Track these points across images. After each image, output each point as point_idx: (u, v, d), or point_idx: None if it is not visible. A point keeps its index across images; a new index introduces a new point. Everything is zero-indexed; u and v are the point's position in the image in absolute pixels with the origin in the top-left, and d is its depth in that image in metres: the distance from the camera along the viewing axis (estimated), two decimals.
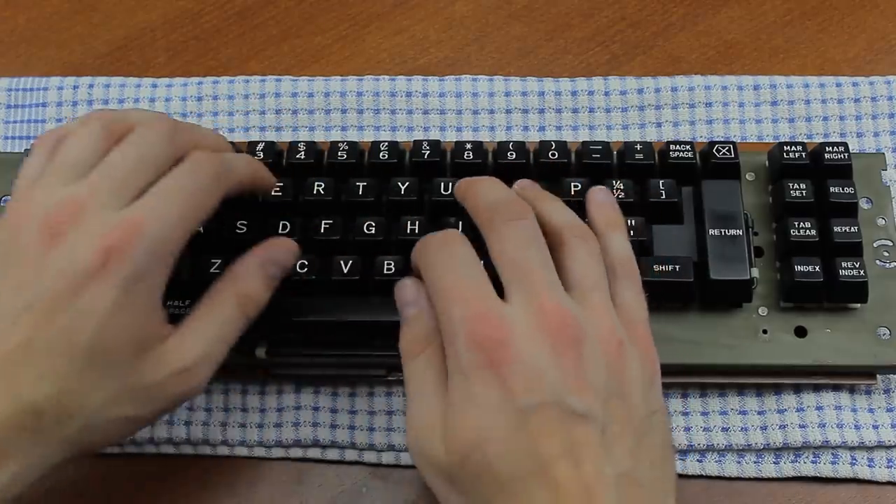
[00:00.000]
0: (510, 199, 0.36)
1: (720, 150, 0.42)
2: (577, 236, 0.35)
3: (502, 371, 0.31)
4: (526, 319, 0.32)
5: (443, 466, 0.31)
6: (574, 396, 0.30)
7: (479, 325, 0.31)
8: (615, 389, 0.32)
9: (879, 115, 0.47)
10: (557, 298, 0.32)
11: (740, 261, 0.40)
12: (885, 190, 0.43)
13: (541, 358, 0.31)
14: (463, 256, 0.34)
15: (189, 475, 0.42)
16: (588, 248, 0.35)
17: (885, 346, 0.40)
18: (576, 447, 0.30)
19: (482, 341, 0.31)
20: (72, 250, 0.32)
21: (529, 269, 0.33)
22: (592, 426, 0.30)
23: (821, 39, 0.50)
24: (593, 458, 0.30)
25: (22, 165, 0.35)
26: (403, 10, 0.52)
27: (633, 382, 0.32)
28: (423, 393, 0.33)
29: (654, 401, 0.33)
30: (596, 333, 0.32)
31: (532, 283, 0.32)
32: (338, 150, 0.43)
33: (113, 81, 0.49)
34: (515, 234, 0.34)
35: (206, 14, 0.53)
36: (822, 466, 0.41)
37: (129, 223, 0.32)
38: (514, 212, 0.35)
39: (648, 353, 0.34)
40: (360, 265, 0.40)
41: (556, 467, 0.30)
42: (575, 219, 0.36)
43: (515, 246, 0.34)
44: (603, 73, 0.49)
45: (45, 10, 0.53)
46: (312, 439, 0.42)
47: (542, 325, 0.31)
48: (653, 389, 0.33)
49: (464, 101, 0.48)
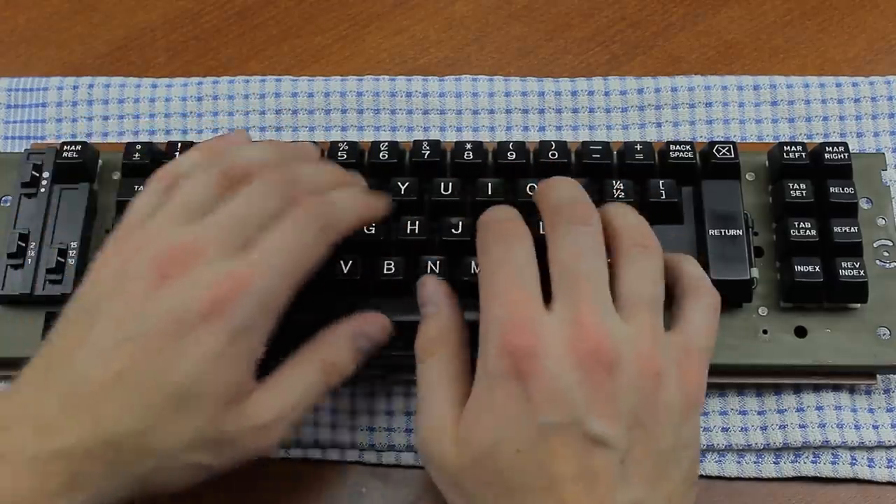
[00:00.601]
0: (577, 201, 0.34)
1: (720, 150, 0.42)
2: (639, 245, 0.34)
3: (527, 383, 0.30)
4: (562, 333, 0.31)
5: (452, 469, 0.31)
6: (596, 420, 0.30)
7: (514, 332, 0.31)
8: (643, 417, 0.31)
9: (879, 115, 0.47)
10: (600, 316, 0.31)
11: (740, 261, 0.40)
12: (885, 190, 0.43)
13: (569, 376, 0.30)
14: (519, 255, 0.33)
15: None
16: (650, 261, 0.34)
17: (885, 346, 0.40)
18: (590, 472, 0.30)
19: (513, 349, 0.31)
20: (181, 294, 0.32)
21: (578, 279, 0.32)
22: (611, 453, 0.30)
23: (821, 39, 0.50)
24: (606, 485, 0.30)
25: (136, 197, 0.36)
26: (403, 10, 0.52)
27: (667, 412, 0.31)
28: (436, 394, 0.33)
29: (686, 435, 0.32)
30: (634, 357, 0.31)
31: (578, 294, 0.32)
32: (338, 150, 0.43)
33: (113, 81, 0.49)
34: (574, 239, 0.33)
35: (206, 14, 0.53)
36: (822, 466, 0.41)
37: (238, 276, 0.32)
38: (578, 215, 0.34)
39: (696, 385, 0.33)
40: (361, 265, 0.40)
41: (566, 488, 0.29)
42: (643, 225, 0.35)
43: (571, 253, 0.33)
44: (603, 73, 0.49)
45: (45, 10, 0.53)
46: (313, 439, 0.42)
47: (577, 342, 0.31)
48: (688, 423, 0.32)
49: (464, 101, 0.48)
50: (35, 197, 0.43)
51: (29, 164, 0.44)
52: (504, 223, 0.35)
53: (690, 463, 0.33)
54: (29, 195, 0.43)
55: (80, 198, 0.43)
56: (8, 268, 0.42)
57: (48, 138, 0.49)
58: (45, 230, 0.42)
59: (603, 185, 0.41)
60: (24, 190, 0.43)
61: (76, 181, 0.43)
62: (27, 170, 0.43)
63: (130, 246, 0.34)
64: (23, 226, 0.43)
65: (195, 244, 0.33)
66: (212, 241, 0.33)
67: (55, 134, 0.49)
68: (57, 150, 0.44)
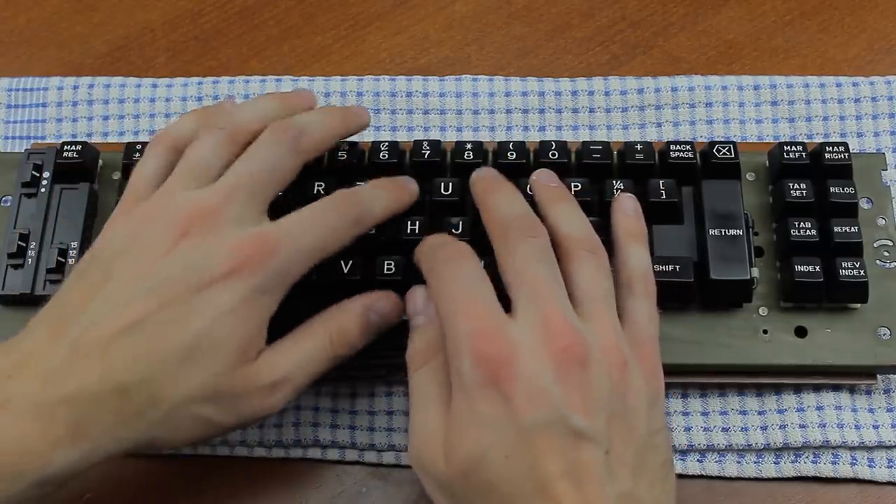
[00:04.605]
0: (523, 216, 0.36)
1: (720, 150, 0.42)
2: (586, 249, 0.35)
3: (506, 388, 0.30)
4: (531, 337, 0.31)
5: (443, 480, 0.31)
6: (578, 416, 0.30)
7: (484, 342, 0.31)
8: (618, 409, 0.32)
9: (880, 115, 0.47)
10: (564, 315, 0.32)
11: (740, 261, 0.40)
12: (885, 190, 0.43)
13: (546, 375, 0.31)
14: (470, 271, 0.34)
15: (189, 475, 0.42)
16: (596, 261, 0.35)
17: (886, 346, 0.40)
18: (578, 467, 0.30)
19: (487, 358, 0.31)
20: (201, 251, 0.33)
21: (537, 284, 0.33)
22: (595, 446, 0.30)
23: (821, 39, 0.50)
24: (595, 479, 0.30)
25: (138, 164, 0.37)
26: (403, 10, 0.52)
27: (637, 401, 0.32)
28: (427, 404, 0.33)
29: (656, 420, 0.33)
30: (601, 350, 0.32)
31: (539, 298, 0.32)
32: (338, 149, 0.43)
33: (113, 81, 0.49)
34: (524, 248, 0.34)
35: (206, 14, 0.53)
36: (823, 466, 0.41)
37: (267, 239, 0.33)
38: (527, 229, 0.35)
39: (653, 371, 0.34)
40: (361, 265, 0.40)
41: (557, 487, 0.29)
42: (585, 229, 0.36)
43: (524, 261, 0.33)
44: (603, 73, 0.49)
45: (45, 10, 0.53)
46: (313, 439, 0.42)
47: (548, 342, 0.31)
48: (655, 408, 0.33)
49: (464, 101, 0.48)
50: (35, 197, 0.43)
51: (29, 164, 0.44)
52: (445, 247, 0.35)
53: (664, 446, 0.33)
54: (29, 195, 0.43)
55: (81, 198, 0.43)
56: (8, 268, 0.42)
57: (48, 138, 0.49)
58: (45, 230, 0.42)
59: (603, 185, 0.41)
60: (25, 190, 0.43)
61: (76, 181, 0.43)
62: (27, 170, 0.43)
63: (143, 212, 0.34)
64: (23, 226, 0.43)
65: (214, 203, 0.34)
66: (232, 201, 0.34)
67: (55, 134, 0.49)
68: (57, 150, 0.44)
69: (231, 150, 0.36)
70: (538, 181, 0.39)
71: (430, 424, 0.32)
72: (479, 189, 0.38)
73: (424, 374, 0.34)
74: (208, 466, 0.42)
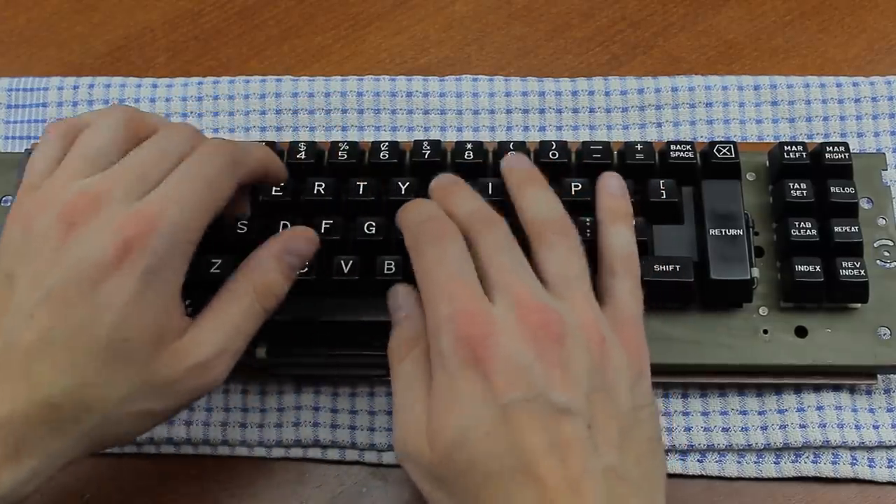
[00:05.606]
0: (476, 210, 0.36)
1: (720, 150, 0.42)
2: (555, 232, 0.35)
3: (485, 367, 0.31)
4: (510, 316, 0.32)
5: (428, 466, 0.31)
6: (558, 391, 0.30)
7: (467, 322, 0.31)
8: (599, 383, 0.32)
9: (880, 115, 0.47)
10: (532, 293, 0.32)
11: (740, 261, 0.40)
12: (885, 190, 0.43)
13: (524, 354, 0.31)
14: (455, 252, 0.34)
15: (189, 475, 0.42)
16: (567, 243, 0.35)
17: (886, 346, 0.40)
18: (561, 443, 0.30)
19: (467, 337, 0.31)
20: (90, 241, 0.31)
21: (502, 271, 0.33)
22: (577, 421, 0.30)
23: (821, 39, 0.50)
24: (579, 453, 0.30)
25: (33, 153, 0.35)
26: (403, 10, 0.52)
27: (617, 376, 0.32)
28: (410, 394, 0.33)
29: (640, 396, 0.33)
30: (578, 326, 0.32)
31: (508, 284, 0.33)
32: (338, 150, 0.43)
33: (113, 81, 0.49)
34: (485, 242, 0.34)
35: (206, 14, 0.53)
36: (823, 466, 0.41)
37: (146, 213, 0.32)
38: (483, 221, 0.35)
39: (636, 349, 0.34)
40: (361, 265, 0.40)
41: (540, 463, 0.29)
42: (553, 211, 0.36)
43: (487, 254, 0.34)
44: (603, 73, 0.49)
45: (45, 10, 0.53)
46: (313, 439, 0.42)
47: (525, 321, 0.31)
48: (639, 385, 0.33)
49: (464, 101, 0.48)
50: None
51: None
52: (430, 223, 0.35)
53: (651, 422, 0.33)
54: None
55: None
56: None
57: None
58: None
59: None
60: None
61: None
62: None
63: (34, 204, 0.33)
64: None
65: (100, 189, 0.32)
66: (117, 184, 0.33)
67: None
68: None
69: (126, 136, 0.35)
70: (506, 166, 0.39)
71: (413, 412, 0.32)
72: (436, 197, 0.38)
73: (407, 364, 0.34)
74: (208, 466, 0.42)
